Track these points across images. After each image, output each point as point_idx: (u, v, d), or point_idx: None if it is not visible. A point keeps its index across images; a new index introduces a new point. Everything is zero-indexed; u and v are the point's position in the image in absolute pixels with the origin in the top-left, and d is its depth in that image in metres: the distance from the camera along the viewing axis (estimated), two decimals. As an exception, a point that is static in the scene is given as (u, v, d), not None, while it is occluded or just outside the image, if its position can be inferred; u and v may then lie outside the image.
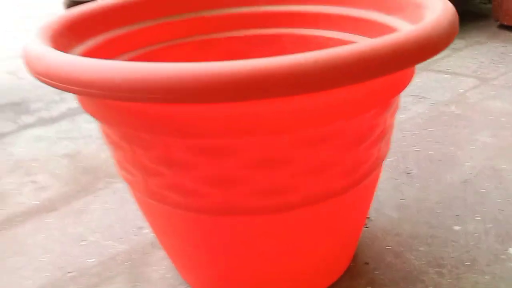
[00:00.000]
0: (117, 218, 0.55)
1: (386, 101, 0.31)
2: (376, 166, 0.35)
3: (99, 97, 0.26)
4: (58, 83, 0.26)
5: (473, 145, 0.64)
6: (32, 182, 0.64)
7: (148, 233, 0.52)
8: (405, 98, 0.81)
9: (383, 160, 0.36)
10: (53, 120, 0.86)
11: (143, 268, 0.46)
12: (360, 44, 0.25)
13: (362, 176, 0.33)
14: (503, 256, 0.44)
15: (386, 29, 0.40)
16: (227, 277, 0.38)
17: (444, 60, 0.98)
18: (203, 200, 0.31)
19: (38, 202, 0.59)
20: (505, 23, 1.15)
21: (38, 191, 0.62)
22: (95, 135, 0.78)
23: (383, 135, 0.34)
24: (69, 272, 0.47)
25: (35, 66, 0.28)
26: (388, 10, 0.39)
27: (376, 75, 0.25)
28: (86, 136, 0.78)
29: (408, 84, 0.32)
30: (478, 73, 0.91)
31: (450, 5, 0.31)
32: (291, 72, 0.22)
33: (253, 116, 0.26)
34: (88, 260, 0.48)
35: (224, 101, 0.24)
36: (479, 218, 0.49)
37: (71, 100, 0.95)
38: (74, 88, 0.26)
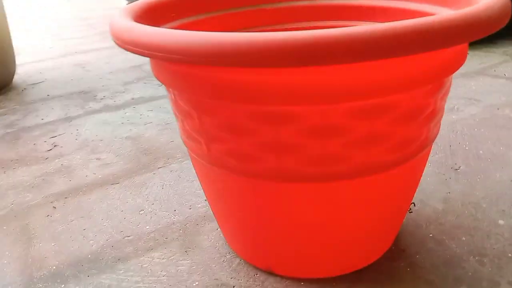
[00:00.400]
0: (174, 193, 0.59)
1: (440, 79, 0.33)
2: (425, 145, 0.37)
3: (181, 62, 0.29)
4: (146, 51, 0.30)
5: (526, 148, 0.64)
6: (97, 159, 0.70)
7: (201, 207, 0.55)
8: (458, 100, 0.81)
9: (432, 141, 0.38)
10: (117, 108, 0.92)
11: (195, 237, 0.50)
12: (420, 19, 0.27)
13: (411, 153, 0.35)
14: (548, 251, 0.44)
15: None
16: (271, 245, 0.41)
17: (501, 65, 0.96)
18: (259, 165, 0.34)
19: (101, 176, 0.65)
20: None
21: (102, 167, 0.67)
22: (155, 121, 0.83)
23: (434, 115, 0.35)
24: (127, 236, 0.51)
25: (124, 36, 0.32)
26: (443, 3, 0.41)
27: (432, 47, 0.27)
28: (147, 122, 0.83)
29: (460, 65, 0.34)
30: (538, 78, 0.89)
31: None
32: (356, 39, 0.25)
33: (314, 83, 0.29)
34: (146, 227, 0.52)
35: (292, 65, 0.27)
36: (526, 215, 0.49)
37: (134, 91, 1.02)
38: (158, 54, 0.29)
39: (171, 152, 0.71)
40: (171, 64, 0.34)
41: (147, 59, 1.28)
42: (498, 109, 0.77)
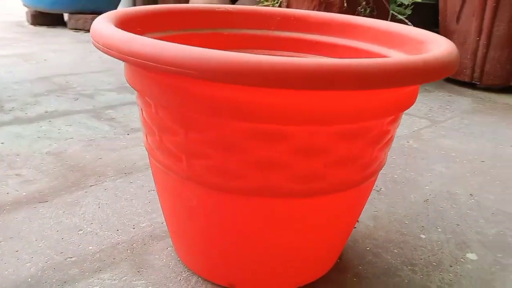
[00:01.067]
0: (112, 212, 0.57)
1: (400, 111, 0.38)
2: (382, 166, 0.42)
3: (181, 75, 0.30)
4: (146, 62, 0.30)
5: (430, 173, 0.74)
6: (16, 175, 0.65)
7: (145, 226, 0.54)
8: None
9: (383, 166, 0.43)
10: (30, 120, 0.86)
11: (145, 256, 0.49)
12: (394, 57, 0.31)
13: (372, 173, 0.40)
14: (462, 260, 0.51)
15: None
16: (237, 261, 0.42)
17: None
18: (243, 182, 0.35)
19: (25, 194, 0.60)
20: (450, 76, 1.30)
21: (24, 184, 0.62)
22: (76, 137, 0.79)
23: (391, 141, 0.41)
24: (69, 257, 0.48)
25: (120, 46, 0.32)
26: (392, 44, 0.47)
27: (401, 84, 0.31)
28: (68, 137, 0.79)
29: (413, 103, 0.40)
30: (430, 115, 1.04)
31: (451, 42, 0.39)
32: (355, 70, 0.29)
33: (304, 106, 0.32)
34: (89, 247, 0.50)
35: (284, 87, 0.29)
36: (440, 229, 0.57)
37: (46, 103, 0.96)
38: (156, 65, 0.30)
39: (101, 169, 0.68)
40: (164, 77, 0.34)
41: (55, 71, 1.21)
42: (403, 139, 0.88)
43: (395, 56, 0.46)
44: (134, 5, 2.81)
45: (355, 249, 0.52)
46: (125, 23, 0.42)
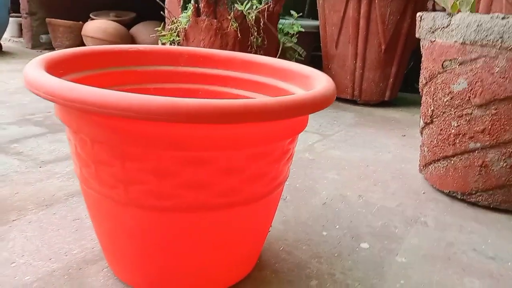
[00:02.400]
0: (42, 243, 0.59)
1: (296, 134, 0.48)
2: (285, 179, 0.51)
3: (123, 117, 0.36)
4: (91, 107, 0.36)
5: (325, 180, 0.86)
6: None
7: (77, 253, 0.57)
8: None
9: (287, 178, 0.52)
10: None
11: (83, 279, 0.52)
12: (289, 96, 0.41)
13: (279, 184, 0.49)
14: (357, 249, 0.63)
15: (281, 91, 0.57)
16: (173, 272, 0.48)
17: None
18: (176, 200, 0.42)
19: None
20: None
21: None
22: (-14, 175, 0.78)
23: (290, 158, 0.50)
24: (7, 290, 0.50)
25: (56, 92, 0.37)
26: (284, 78, 0.58)
27: (295, 115, 0.41)
28: (-23, 175, 0.78)
29: (306, 126, 0.50)
30: (320, 130, 1.18)
31: (330, 78, 0.50)
32: (261, 108, 0.37)
33: (222, 135, 0.40)
34: (25, 278, 0.52)
35: (209, 122, 0.37)
36: (338, 226, 0.69)
37: None
38: (100, 110, 0.36)
39: (21, 204, 0.69)
40: (104, 119, 0.40)
41: None
42: (301, 152, 1.00)
43: (290, 90, 0.56)
44: (21, 33, 2.68)
45: (271, 250, 0.61)
46: (51, 67, 0.46)
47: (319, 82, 0.49)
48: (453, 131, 0.80)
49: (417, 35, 0.87)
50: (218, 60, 0.64)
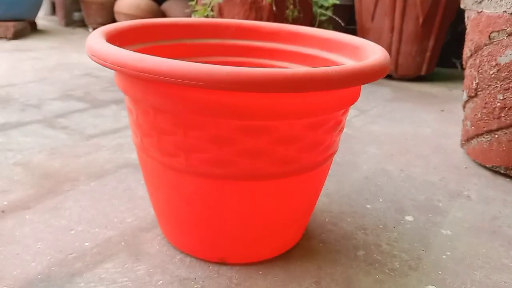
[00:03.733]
0: (97, 212, 0.62)
1: (350, 104, 0.48)
2: (336, 150, 0.52)
3: (191, 86, 0.37)
4: (161, 77, 0.37)
5: (365, 154, 0.86)
6: (-11, 187, 0.67)
7: (132, 221, 0.60)
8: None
9: (337, 149, 0.53)
10: (-16, 134, 0.86)
11: (139, 246, 0.55)
12: (346, 65, 0.41)
13: (331, 154, 0.50)
14: (402, 221, 0.63)
15: (330, 63, 0.57)
16: (227, 238, 0.50)
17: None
18: (235, 168, 0.44)
19: (6, 203, 0.63)
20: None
21: (2, 194, 0.65)
22: (37, 147, 0.81)
23: (342, 129, 0.51)
24: (70, 254, 0.53)
25: (134, 64, 0.38)
26: (333, 49, 0.57)
27: (355, 84, 0.41)
28: (29, 148, 0.81)
29: (358, 98, 0.50)
30: (357, 105, 1.17)
31: (382, 48, 0.50)
32: (321, 77, 0.38)
33: (283, 105, 0.41)
34: (85, 244, 0.55)
35: (275, 91, 0.38)
36: (381, 200, 0.69)
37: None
38: (170, 79, 0.37)
39: (73, 175, 0.72)
40: (167, 88, 0.41)
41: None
42: (338, 127, 1.00)
43: (339, 61, 0.56)
44: (54, 11, 2.72)
45: (316, 221, 0.62)
46: (109, 40, 0.48)
47: (373, 52, 0.49)
48: (498, 104, 0.78)
49: (462, 6, 0.84)
50: (265, 32, 0.64)
